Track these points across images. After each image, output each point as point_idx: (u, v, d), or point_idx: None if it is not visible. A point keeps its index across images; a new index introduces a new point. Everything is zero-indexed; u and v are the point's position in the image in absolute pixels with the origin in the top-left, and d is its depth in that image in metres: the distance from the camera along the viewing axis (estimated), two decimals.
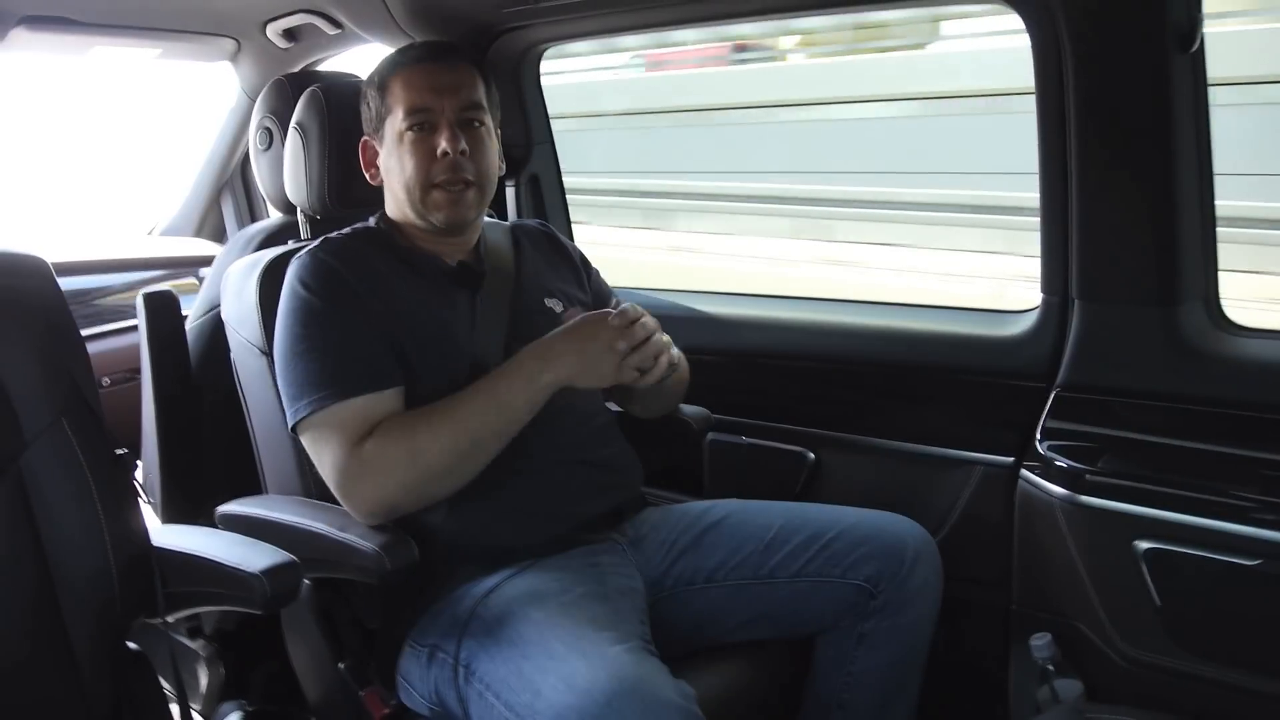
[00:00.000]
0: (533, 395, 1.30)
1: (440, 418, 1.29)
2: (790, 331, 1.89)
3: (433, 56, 1.45)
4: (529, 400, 1.30)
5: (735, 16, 1.94)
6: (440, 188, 1.41)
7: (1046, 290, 1.58)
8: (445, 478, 1.29)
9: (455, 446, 1.28)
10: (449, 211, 1.43)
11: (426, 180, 1.41)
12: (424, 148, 1.41)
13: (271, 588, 1.16)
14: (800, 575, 1.41)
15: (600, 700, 1.09)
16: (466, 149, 1.41)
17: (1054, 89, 1.47)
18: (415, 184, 1.42)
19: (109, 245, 2.65)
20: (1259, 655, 1.35)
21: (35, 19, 1.90)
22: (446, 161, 1.40)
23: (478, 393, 1.30)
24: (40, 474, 1.20)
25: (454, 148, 1.40)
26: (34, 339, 1.23)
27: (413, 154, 1.41)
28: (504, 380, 1.30)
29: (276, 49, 2.27)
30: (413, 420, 1.31)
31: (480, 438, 1.29)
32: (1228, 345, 1.45)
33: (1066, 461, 1.48)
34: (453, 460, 1.29)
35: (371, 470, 1.28)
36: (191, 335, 1.77)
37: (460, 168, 1.41)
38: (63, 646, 1.20)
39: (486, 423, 1.29)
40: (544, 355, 1.30)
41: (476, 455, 1.30)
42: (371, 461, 1.28)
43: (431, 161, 1.41)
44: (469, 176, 1.42)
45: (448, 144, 1.40)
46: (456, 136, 1.40)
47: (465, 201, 1.43)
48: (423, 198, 1.42)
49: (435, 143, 1.40)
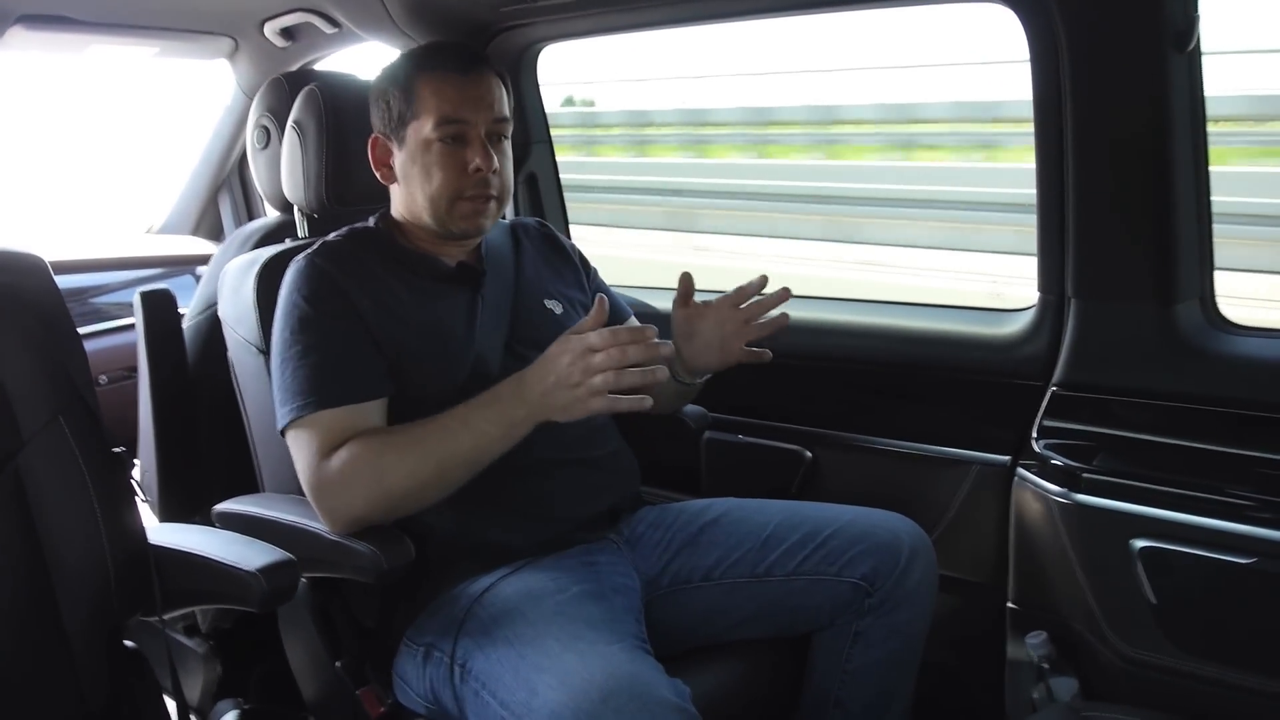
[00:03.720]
0: (508, 432, 1.26)
1: (410, 443, 1.27)
2: (787, 330, 1.88)
3: (462, 66, 1.42)
4: (503, 434, 1.26)
5: (734, 16, 1.93)
6: (468, 200, 1.41)
7: (1043, 289, 1.58)
8: (412, 498, 1.28)
9: (419, 473, 1.26)
10: (472, 223, 1.43)
11: (455, 193, 1.40)
12: (455, 160, 1.40)
13: (268, 586, 1.16)
14: (796, 573, 1.41)
15: (595, 699, 1.09)
16: (498, 166, 1.41)
17: (1050, 88, 1.47)
18: (442, 196, 1.41)
19: (106, 243, 2.65)
20: (1255, 653, 1.35)
21: (32, 17, 1.90)
22: (478, 177, 1.39)
23: (452, 421, 1.26)
24: (37, 472, 1.20)
25: (487, 165, 1.39)
26: (31, 337, 1.23)
27: (442, 166, 1.40)
28: (480, 414, 1.26)
29: (274, 48, 2.27)
30: (382, 441, 1.29)
31: (448, 468, 1.26)
32: (1224, 344, 1.45)
33: (1063, 460, 1.48)
34: (416, 485, 1.27)
35: (336, 484, 1.27)
36: (189, 333, 1.77)
37: (489, 184, 1.41)
38: (59, 644, 1.21)
39: (456, 453, 1.26)
40: (519, 393, 1.25)
41: (443, 483, 1.27)
42: (336, 476, 1.27)
43: (461, 175, 1.40)
44: (494, 192, 1.42)
45: (481, 161, 1.39)
46: (490, 154, 1.39)
47: (488, 213, 1.43)
48: (449, 208, 1.41)
49: (466, 157, 1.39)
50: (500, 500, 1.36)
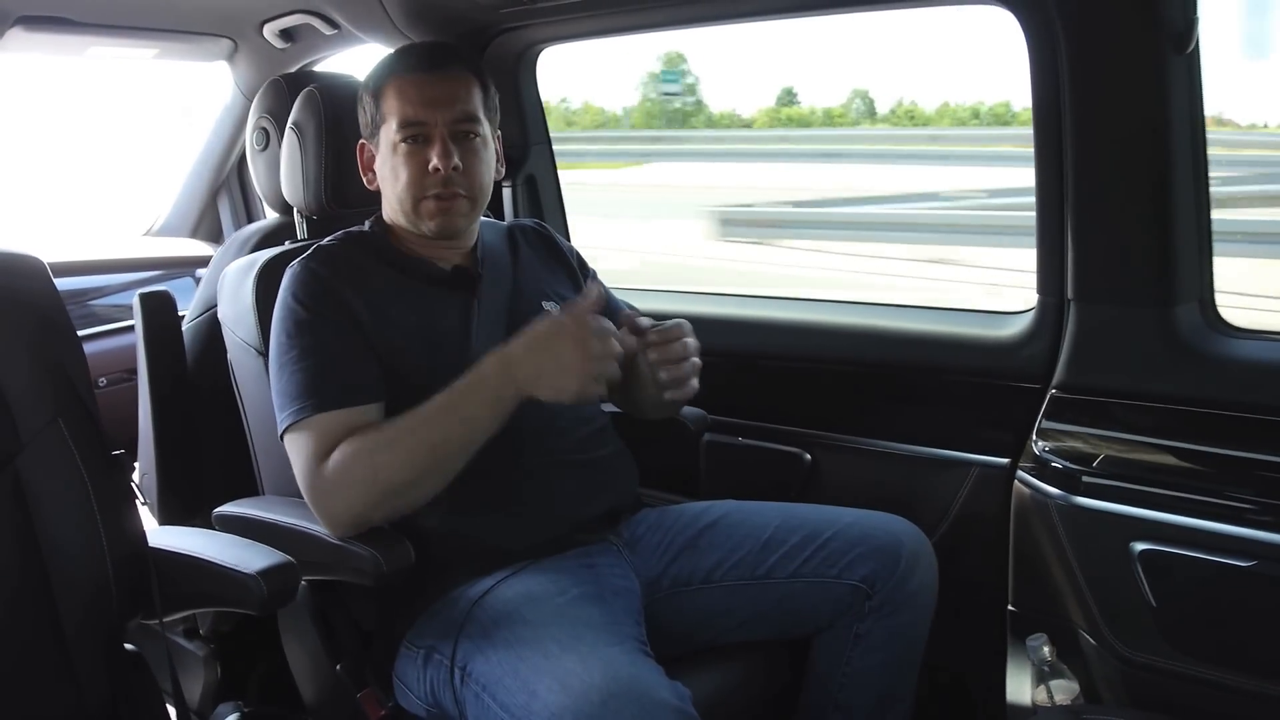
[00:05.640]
0: (497, 409, 1.26)
1: (401, 434, 1.27)
2: (787, 332, 1.89)
3: (427, 66, 1.43)
4: (493, 413, 1.26)
5: (735, 18, 1.93)
6: (431, 199, 1.41)
7: (1042, 291, 1.58)
8: (409, 491, 1.28)
9: (415, 462, 1.26)
10: (440, 220, 1.42)
11: (419, 192, 1.41)
12: (417, 160, 1.40)
13: (268, 589, 1.16)
14: (796, 576, 1.41)
15: (595, 701, 1.09)
16: (459, 164, 1.40)
17: (1049, 90, 1.47)
18: (407, 196, 1.41)
19: (106, 246, 2.64)
20: (1254, 656, 1.35)
21: (32, 19, 1.90)
22: (438, 176, 1.39)
23: (440, 407, 1.27)
24: (36, 475, 1.20)
25: (445, 165, 1.39)
26: (30, 339, 1.23)
27: (405, 166, 1.41)
28: (468, 399, 1.26)
29: (273, 49, 2.27)
30: (374, 436, 1.29)
31: (442, 455, 1.26)
32: (1223, 347, 1.45)
33: (1062, 463, 1.48)
34: (415, 475, 1.27)
35: (333, 486, 1.28)
36: (188, 336, 1.77)
37: (451, 182, 1.40)
38: (59, 647, 1.20)
39: (449, 439, 1.26)
40: (507, 372, 1.25)
41: (441, 468, 1.27)
42: (332, 478, 1.27)
43: (424, 174, 1.40)
44: (460, 190, 1.42)
45: (439, 160, 1.39)
46: (449, 152, 1.39)
47: (456, 210, 1.43)
48: (414, 208, 1.42)
49: (428, 155, 1.40)
50: (500, 502, 1.36)
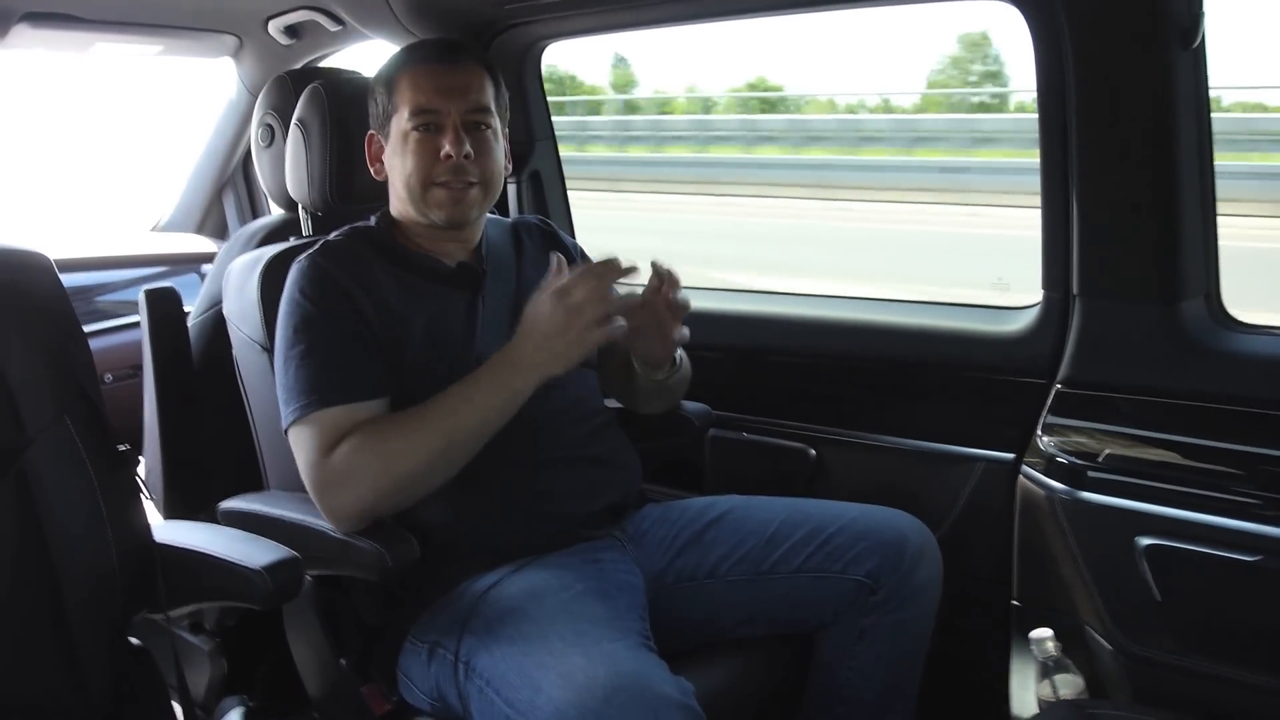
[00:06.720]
0: (511, 399, 1.28)
1: (415, 423, 1.28)
2: (792, 328, 1.89)
3: (440, 57, 1.44)
4: (507, 403, 1.28)
5: (737, 14, 1.93)
6: (442, 186, 1.41)
7: (1047, 286, 1.58)
8: (420, 482, 1.28)
9: (430, 450, 1.27)
10: (450, 210, 1.43)
11: (428, 178, 1.41)
12: (428, 148, 1.41)
13: (273, 584, 1.17)
14: (801, 571, 1.41)
15: (599, 696, 1.09)
16: (471, 153, 1.40)
17: (1055, 85, 1.47)
18: (416, 181, 1.41)
19: (111, 242, 2.65)
20: (1259, 651, 1.35)
21: (37, 15, 1.90)
22: (450, 164, 1.40)
23: (454, 398, 1.28)
24: (43, 470, 1.20)
25: (458, 152, 1.39)
26: (37, 335, 1.23)
27: (416, 153, 1.41)
28: (481, 389, 1.28)
29: (278, 45, 2.27)
30: (386, 426, 1.30)
31: (454, 442, 1.27)
32: (1229, 342, 1.44)
33: (1067, 458, 1.48)
34: (427, 464, 1.27)
35: (340, 479, 1.28)
36: (193, 332, 1.77)
37: (464, 171, 1.41)
38: (65, 641, 1.21)
39: (461, 427, 1.27)
40: (514, 363, 1.27)
41: (449, 459, 1.28)
42: (340, 470, 1.28)
43: (435, 162, 1.40)
44: (473, 178, 1.42)
45: (451, 147, 1.39)
46: (461, 140, 1.40)
47: (468, 199, 1.43)
48: (423, 195, 1.42)
49: (439, 144, 1.40)
50: (504, 498, 1.37)
